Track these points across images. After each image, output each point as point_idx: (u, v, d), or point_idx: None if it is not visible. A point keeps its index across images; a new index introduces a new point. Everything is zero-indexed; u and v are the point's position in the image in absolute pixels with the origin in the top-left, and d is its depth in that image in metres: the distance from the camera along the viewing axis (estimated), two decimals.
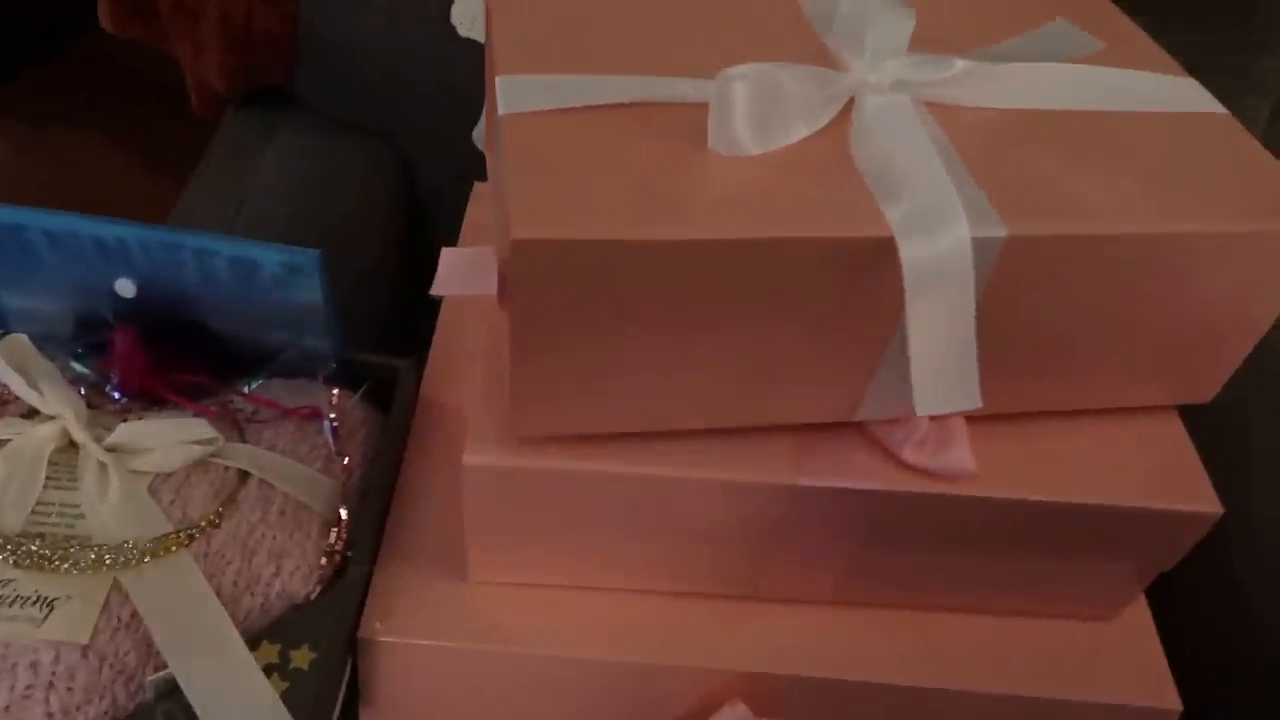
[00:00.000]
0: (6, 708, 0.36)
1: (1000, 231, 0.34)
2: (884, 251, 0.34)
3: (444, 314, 0.57)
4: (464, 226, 0.61)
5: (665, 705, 0.47)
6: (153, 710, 0.39)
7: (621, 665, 0.45)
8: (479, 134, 0.51)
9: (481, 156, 0.53)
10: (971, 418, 0.41)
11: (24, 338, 0.44)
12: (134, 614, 0.39)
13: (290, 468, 0.45)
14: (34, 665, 0.37)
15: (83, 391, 0.46)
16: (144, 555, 0.40)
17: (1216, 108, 0.41)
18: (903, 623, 0.47)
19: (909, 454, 0.41)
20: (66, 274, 0.47)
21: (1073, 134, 0.39)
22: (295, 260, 0.45)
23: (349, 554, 0.45)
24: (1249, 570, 0.55)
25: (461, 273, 0.47)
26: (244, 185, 0.71)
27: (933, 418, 0.41)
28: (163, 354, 0.47)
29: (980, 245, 0.34)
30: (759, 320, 0.36)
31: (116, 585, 0.40)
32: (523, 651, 0.44)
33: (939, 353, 0.35)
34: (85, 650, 0.38)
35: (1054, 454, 0.42)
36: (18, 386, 0.43)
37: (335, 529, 0.45)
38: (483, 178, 0.63)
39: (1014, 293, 0.37)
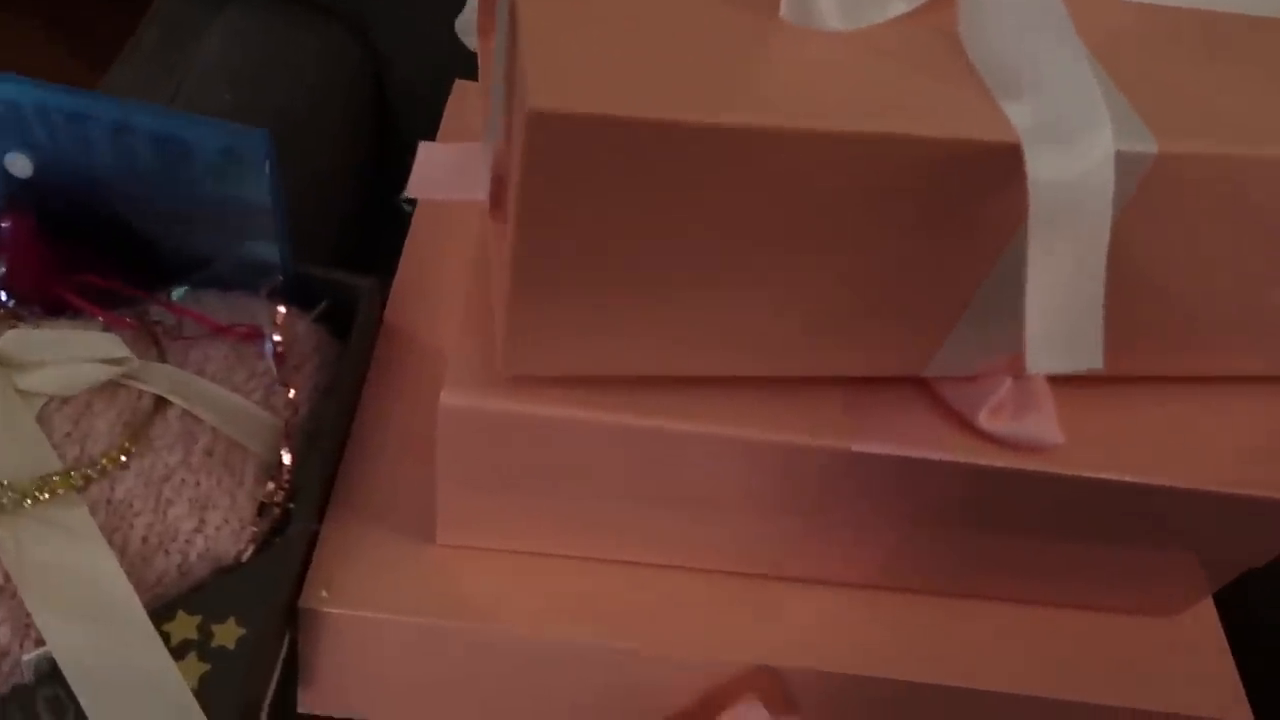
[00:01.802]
0: None
1: (1151, 147, 0.28)
2: (1001, 162, 0.28)
3: (416, 225, 0.51)
4: (441, 130, 0.55)
5: (665, 700, 0.41)
6: (32, 695, 0.33)
7: (614, 651, 0.40)
8: (465, 23, 0.43)
9: (466, 52, 0.45)
10: (1055, 379, 0.35)
11: None
12: (8, 576, 0.33)
13: (221, 397, 0.39)
14: None
15: None
16: (23, 498, 0.32)
17: None
18: (940, 611, 0.42)
19: (984, 419, 0.35)
20: None
21: (1224, 41, 0.33)
22: (237, 144, 0.39)
23: (290, 507, 0.39)
24: None
25: (443, 172, 0.41)
26: (181, 69, 0.63)
27: (1015, 377, 0.34)
28: (66, 249, 0.41)
29: (1124, 162, 0.27)
30: (828, 241, 0.30)
31: None
32: (497, 630, 0.39)
33: (1061, 297, 0.28)
34: None
35: (1148, 426, 0.37)
36: None
37: (274, 476, 0.39)
38: (465, 75, 0.55)
39: (1145, 228, 0.30)
